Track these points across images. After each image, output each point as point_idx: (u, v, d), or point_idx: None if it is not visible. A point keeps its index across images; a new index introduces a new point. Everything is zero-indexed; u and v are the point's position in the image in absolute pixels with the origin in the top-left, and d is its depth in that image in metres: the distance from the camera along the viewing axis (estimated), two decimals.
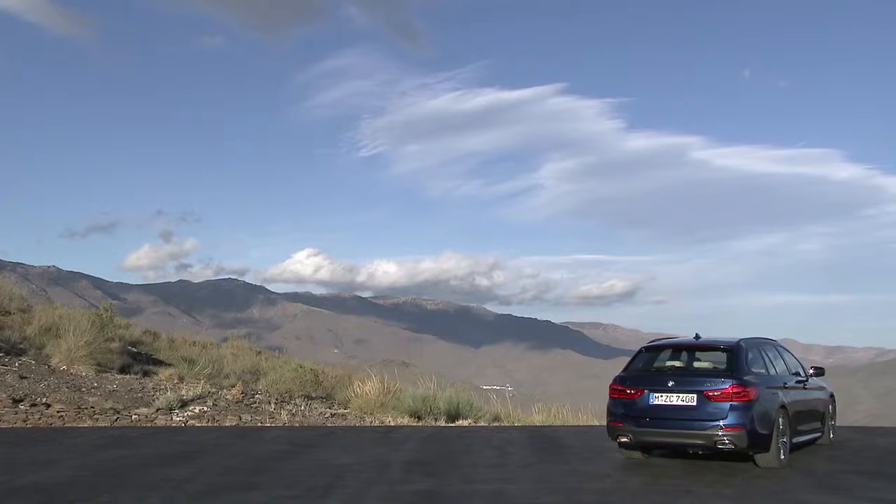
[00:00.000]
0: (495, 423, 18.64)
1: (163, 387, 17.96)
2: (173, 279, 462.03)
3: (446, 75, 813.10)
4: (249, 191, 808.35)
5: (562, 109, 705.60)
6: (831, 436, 13.00)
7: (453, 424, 17.63)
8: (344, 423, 17.08)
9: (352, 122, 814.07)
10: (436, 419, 18.04)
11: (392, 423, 17.19)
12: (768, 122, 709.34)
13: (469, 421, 18.26)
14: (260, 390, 19.40)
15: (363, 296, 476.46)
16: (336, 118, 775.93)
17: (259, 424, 15.86)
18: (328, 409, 18.41)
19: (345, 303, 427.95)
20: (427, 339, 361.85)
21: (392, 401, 18.71)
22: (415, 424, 17.28)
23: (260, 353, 28.00)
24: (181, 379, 19.30)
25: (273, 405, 17.72)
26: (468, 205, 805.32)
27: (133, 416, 15.39)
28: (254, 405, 17.61)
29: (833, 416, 13.23)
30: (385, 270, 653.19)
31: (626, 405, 10.53)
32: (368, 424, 17.12)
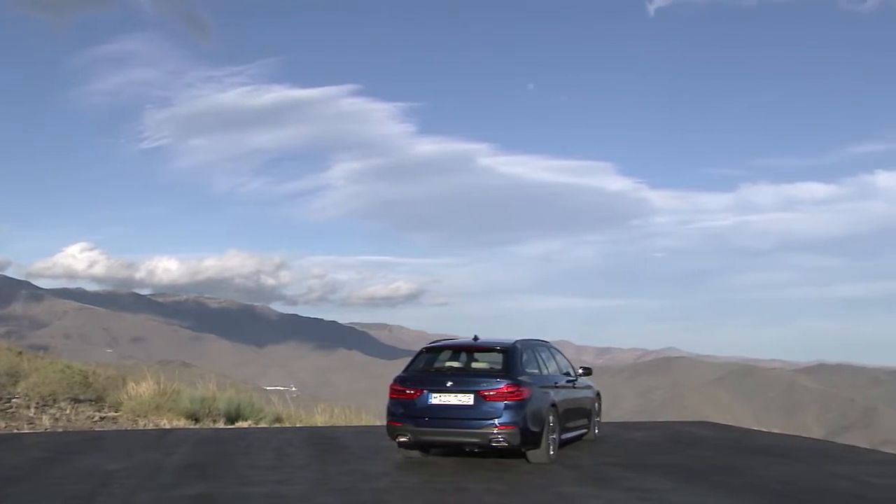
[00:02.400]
0: (277, 425, 18.35)
1: None
2: None
3: (235, 69, 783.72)
4: (15, 179, 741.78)
5: (353, 111, 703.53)
6: (596, 431, 13.86)
7: (233, 426, 17.17)
8: (114, 427, 16.15)
9: (133, 111, 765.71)
10: (214, 421, 17.48)
11: (167, 426, 16.45)
12: (550, 134, 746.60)
13: (249, 422, 17.84)
14: (18, 393, 17.91)
15: (141, 293, 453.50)
16: (116, 106, 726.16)
17: (16, 431, 14.64)
18: (97, 413, 17.31)
19: (121, 300, 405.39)
20: (209, 338, 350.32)
21: (168, 402, 17.90)
22: (192, 427, 16.65)
23: (21, 353, 25.82)
24: None
25: (33, 410, 16.42)
26: (255, 202, 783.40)
27: None
28: (10, 410, 16.22)
29: (598, 413, 14.12)
30: (166, 267, 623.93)
31: (405, 405, 10.70)
32: (141, 428, 16.29)
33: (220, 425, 17.20)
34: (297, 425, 18.34)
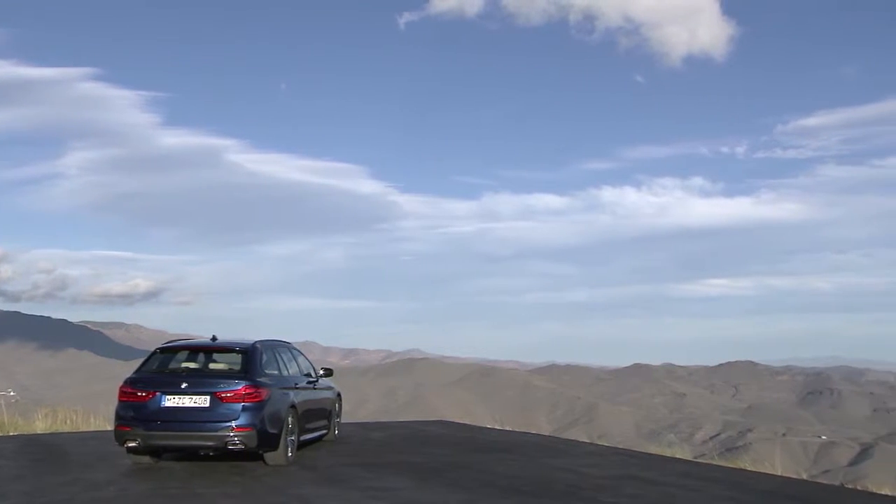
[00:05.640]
0: None
1: None
2: None
3: None
4: None
5: (91, 96, 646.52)
6: (336, 432, 13.94)
7: None
8: None
9: None
10: None
11: None
12: (302, 134, 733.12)
13: None
14: None
15: None
16: None
17: None
18: None
19: None
20: None
21: None
22: None
23: None
24: None
25: None
26: None
27: None
28: None
29: (339, 414, 14.23)
30: None
31: (136, 408, 10.17)
32: None
33: None
34: (12, 433, 16.77)
